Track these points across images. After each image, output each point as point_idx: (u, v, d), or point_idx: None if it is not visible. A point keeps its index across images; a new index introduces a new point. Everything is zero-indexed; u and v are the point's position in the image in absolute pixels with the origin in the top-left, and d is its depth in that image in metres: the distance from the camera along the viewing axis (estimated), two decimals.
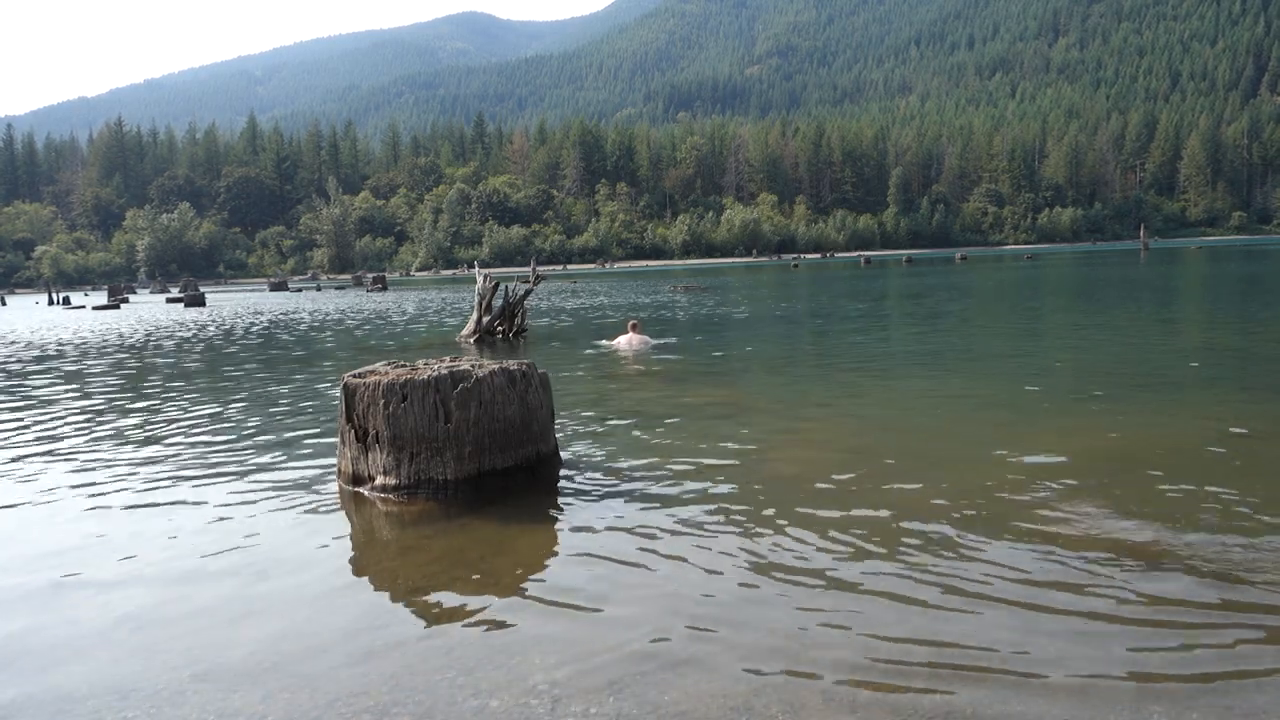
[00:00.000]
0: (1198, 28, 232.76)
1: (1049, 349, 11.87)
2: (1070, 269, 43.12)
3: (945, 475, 5.23)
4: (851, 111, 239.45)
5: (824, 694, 2.78)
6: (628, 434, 6.82)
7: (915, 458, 5.70)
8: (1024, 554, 3.90)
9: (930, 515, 4.46)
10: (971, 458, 5.68)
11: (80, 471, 6.19)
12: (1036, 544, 4.01)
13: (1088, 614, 3.29)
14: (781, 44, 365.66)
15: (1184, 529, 4.14)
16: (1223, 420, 6.51)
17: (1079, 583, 3.57)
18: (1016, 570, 3.72)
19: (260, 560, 4.20)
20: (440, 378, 5.08)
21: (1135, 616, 3.25)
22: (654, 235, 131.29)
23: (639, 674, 2.95)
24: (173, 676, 3.04)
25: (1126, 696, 2.71)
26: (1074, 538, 4.07)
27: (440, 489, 5.07)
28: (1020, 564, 3.79)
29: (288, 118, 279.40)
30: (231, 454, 6.56)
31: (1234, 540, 3.96)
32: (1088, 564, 3.76)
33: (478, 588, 3.79)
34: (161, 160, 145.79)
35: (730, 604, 3.50)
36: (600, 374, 10.58)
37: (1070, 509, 4.48)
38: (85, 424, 8.16)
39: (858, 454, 5.87)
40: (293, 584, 3.90)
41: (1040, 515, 4.40)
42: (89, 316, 33.13)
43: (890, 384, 9.01)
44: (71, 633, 3.45)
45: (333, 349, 15.48)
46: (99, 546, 4.51)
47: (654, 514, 4.70)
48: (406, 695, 2.86)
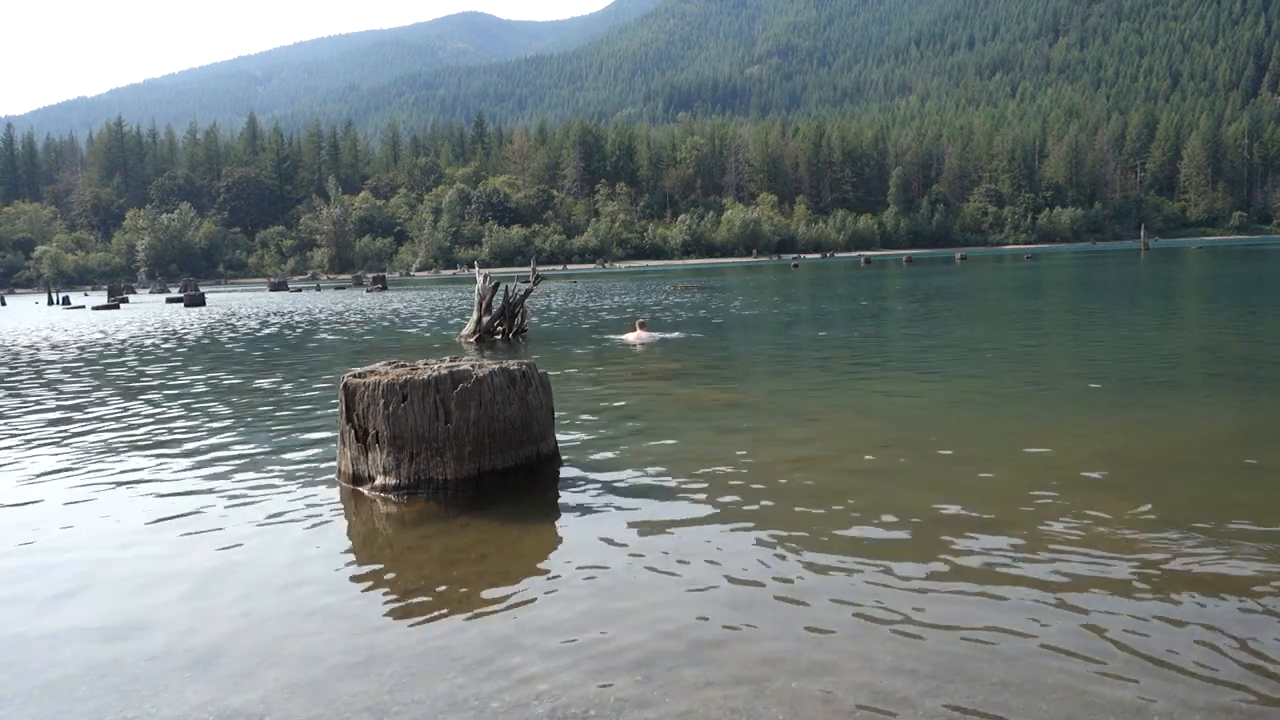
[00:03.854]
0: (1198, 28, 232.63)
1: (1052, 348, 11.86)
2: (1071, 269, 43.09)
3: (952, 476, 5.22)
4: (851, 111, 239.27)
5: (825, 697, 2.77)
6: (628, 434, 6.81)
7: (921, 458, 5.69)
8: (1031, 556, 3.89)
9: (937, 518, 4.45)
10: (978, 458, 5.67)
11: (79, 470, 6.18)
12: (1047, 546, 4.00)
13: (1093, 610, 3.28)
14: (781, 44, 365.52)
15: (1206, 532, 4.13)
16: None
17: (1090, 583, 3.56)
18: (1022, 573, 3.71)
19: (259, 560, 4.20)
20: (440, 378, 5.08)
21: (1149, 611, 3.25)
22: (654, 235, 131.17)
23: (640, 675, 2.94)
24: (172, 677, 3.04)
25: (1129, 698, 2.72)
26: (1088, 539, 4.06)
27: (440, 489, 5.06)
28: (1027, 566, 3.78)
29: (288, 118, 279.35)
30: (231, 454, 6.55)
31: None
32: (1104, 568, 3.75)
33: (478, 588, 3.79)
34: (161, 160, 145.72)
35: (731, 605, 3.49)
36: (601, 374, 10.57)
37: (1084, 511, 4.47)
38: (84, 423, 8.15)
39: (861, 454, 5.86)
40: (292, 584, 3.89)
41: (1052, 518, 4.39)
42: (88, 316, 33.12)
43: (892, 384, 8.99)
44: (64, 633, 3.44)
45: (332, 349, 15.48)
46: (96, 545, 4.51)
47: (655, 514, 4.69)
48: (406, 695, 2.86)
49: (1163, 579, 3.58)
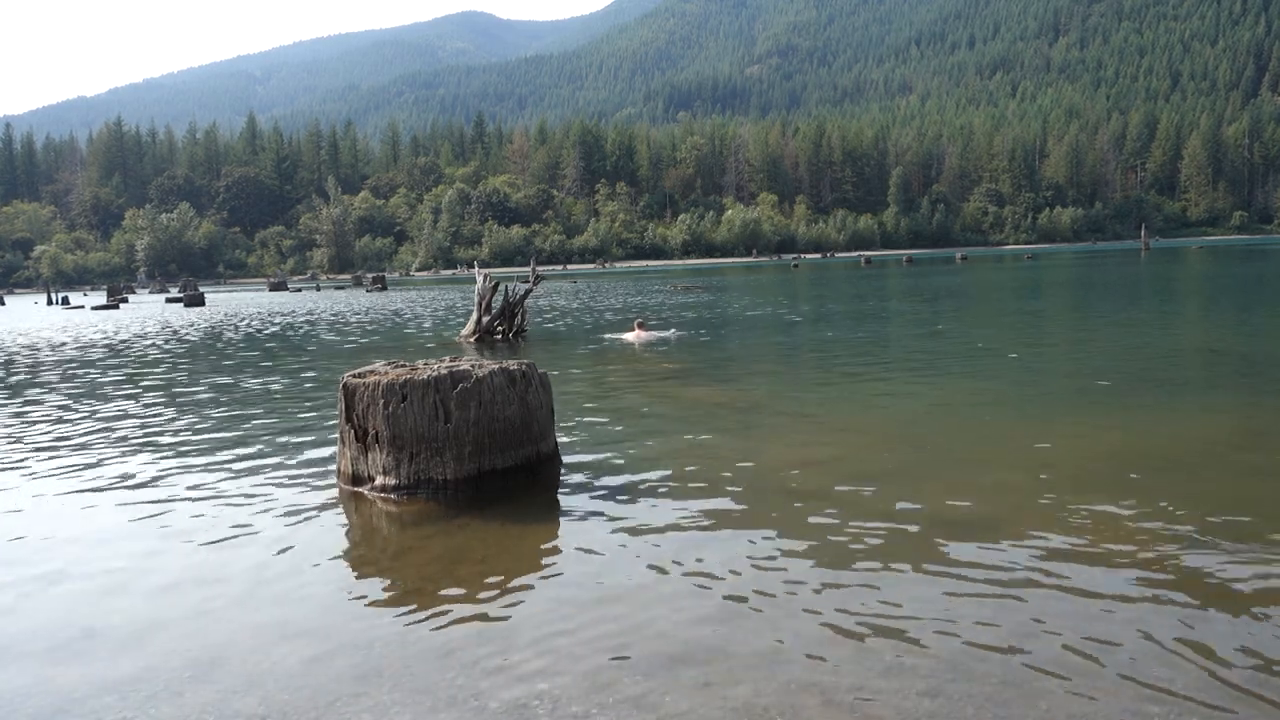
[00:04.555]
0: (1198, 27, 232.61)
1: (1053, 348, 11.86)
2: (1071, 269, 43.09)
3: (953, 476, 5.22)
4: (851, 111, 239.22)
5: (824, 697, 2.77)
6: (628, 434, 6.80)
7: (921, 458, 5.69)
8: (1031, 556, 3.89)
9: (938, 518, 4.45)
10: (979, 458, 5.67)
11: (78, 470, 6.18)
12: (1047, 546, 4.00)
13: (1094, 610, 3.28)
14: (781, 44, 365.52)
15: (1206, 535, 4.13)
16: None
17: (1090, 584, 3.56)
18: (1022, 573, 3.71)
19: (259, 560, 4.19)
20: (440, 378, 5.07)
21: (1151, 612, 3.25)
22: (654, 235, 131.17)
23: (640, 675, 2.94)
24: (172, 677, 3.04)
25: (1128, 699, 2.72)
26: (1089, 540, 4.06)
27: (440, 489, 5.06)
28: (1028, 566, 3.77)
29: (287, 118, 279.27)
30: (230, 453, 6.55)
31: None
32: (1105, 568, 3.75)
33: (478, 588, 3.78)
34: (161, 160, 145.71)
35: (732, 605, 3.49)
36: (601, 374, 10.57)
37: (1085, 511, 4.46)
38: (84, 422, 8.15)
39: (862, 453, 5.86)
40: (292, 584, 3.89)
41: (1052, 518, 4.39)
42: (88, 316, 33.11)
43: (893, 384, 8.99)
44: (67, 633, 3.44)
45: (332, 348, 15.48)
46: (94, 544, 4.50)
47: (655, 514, 4.69)
48: (406, 695, 2.86)
49: (1163, 579, 3.57)
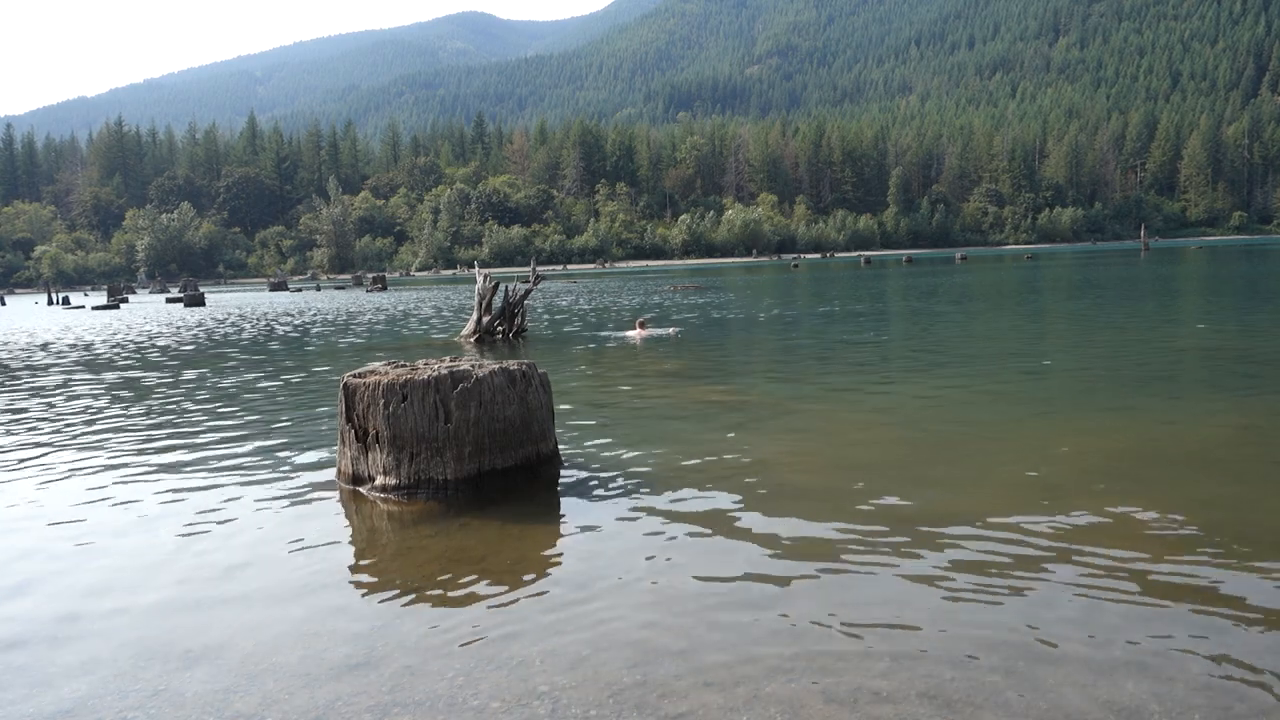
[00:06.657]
0: (1198, 27, 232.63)
1: (1053, 348, 11.86)
2: (1071, 269, 43.10)
3: (953, 475, 5.22)
4: (851, 111, 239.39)
5: (824, 695, 2.77)
6: (628, 433, 6.81)
7: (921, 457, 5.69)
8: (1032, 555, 3.89)
9: (938, 517, 4.45)
10: (980, 457, 5.67)
11: (77, 470, 6.18)
12: (1048, 545, 4.00)
13: (1094, 610, 3.28)
14: (781, 44, 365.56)
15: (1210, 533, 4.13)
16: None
17: (1090, 583, 3.56)
18: (1023, 573, 3.71)
19: (259, 560, 4.20)
20: (440, 378, 5.07)
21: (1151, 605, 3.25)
22: (654, 235, 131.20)
23: (640, 675, 2.94)
24: (172, 677, 3.04)
25: (1129, 697, 2.72)
26: (1090, 540, 4.06)
27: (440, 489, 5.06)
28: (1028, 566, 3.78)
29: (288, 118, 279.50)
30: (230, 453, 6.55)
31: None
32: (1105, 567, 3.75)
33: (478, 588, 3.78)
34: (161, 160, 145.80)
35: (732, 604, 3.49)
36: (601, 374, 10.58)
37: (1086, 510, 4.46)
38: (84, 422, 8.15)
39: (862, 453, 5.86)
40: (292, 583, 3.89)
41: (1053, 517, 4.39)
42: (88, 316, 33.11)
43: (893, 383, 8.99)
44: (65, 633, 3.44)
45: (332, 348, 15.48)
46: (94, 544, 4.50)
47: (655, 514, 4.69)
48: (407, 695, 2.86)
49: (1164, 579, 3.57)
